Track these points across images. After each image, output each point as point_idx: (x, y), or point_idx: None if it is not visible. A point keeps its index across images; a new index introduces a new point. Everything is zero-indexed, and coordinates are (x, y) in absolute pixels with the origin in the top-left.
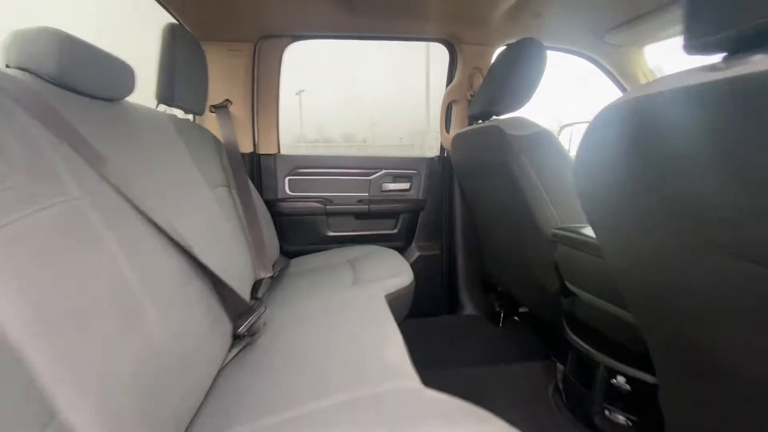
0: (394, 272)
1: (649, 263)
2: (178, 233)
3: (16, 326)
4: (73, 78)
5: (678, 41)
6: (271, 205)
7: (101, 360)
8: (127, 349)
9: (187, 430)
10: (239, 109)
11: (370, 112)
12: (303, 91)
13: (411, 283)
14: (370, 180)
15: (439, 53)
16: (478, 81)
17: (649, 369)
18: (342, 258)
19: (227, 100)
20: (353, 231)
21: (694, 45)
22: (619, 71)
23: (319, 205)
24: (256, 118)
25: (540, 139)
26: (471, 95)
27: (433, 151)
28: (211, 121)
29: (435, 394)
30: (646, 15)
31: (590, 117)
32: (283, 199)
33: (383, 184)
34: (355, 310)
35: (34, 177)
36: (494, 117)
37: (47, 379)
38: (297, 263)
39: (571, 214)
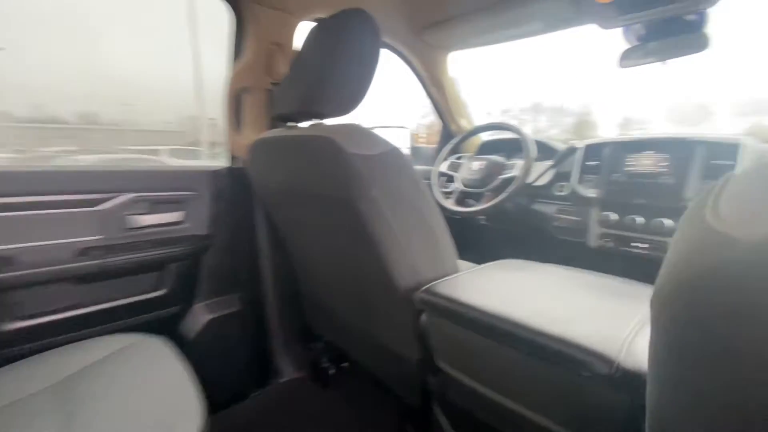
0: (165, 412)
1: None
2: None
3: None
4: None
5: (479, 51)
6: None
7: None
8: None
9: None
10: None
11: (123, 85)
12: (2, 48)
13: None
14: (103, 211)
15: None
16: (280, 63)
17: None
18: (43, 381)
19: None
20: (71, 310)
21: None
22: (429, 75)
23: None
24: None
25: (392, 162)
26: (272, 83)
27: (216, 153)
28: None
29: None
30: (462, 17)
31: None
32: None
33: (131, 217)
34: None
35: None
36: (316, 120)
37: None
38: None
39: (434, 266)
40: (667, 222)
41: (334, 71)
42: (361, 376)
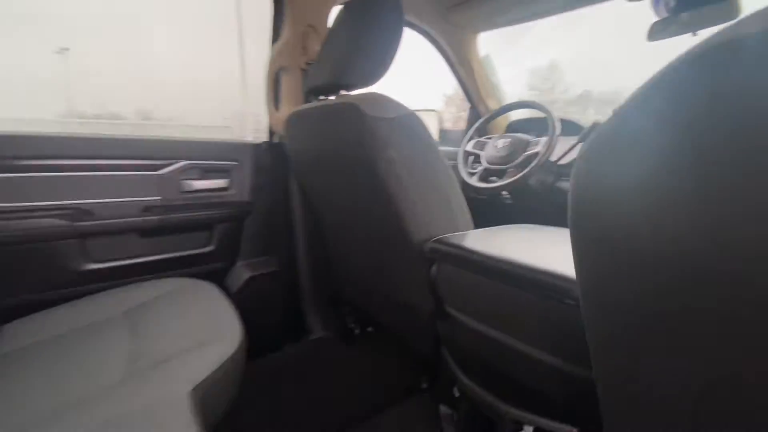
0: (210, 332)
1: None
2: None
3: None
4: None
5: (510, 31)
6: None
7: None
8: None
9: None
10: None
11: (178, 83)
12: (67, 49)
13: (240, 346)
14: (163, 175)
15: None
16: (314, 44)
17: (570, 420)
18: (113, 309)
19: None
20: (136, 257)
21: None
22: (457, 56)
23: (62, 221)
24: None
25: (409, 125)
26: (307, 63)
27: (258, 136)
28: None
29: None
30: None
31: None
32: None
33: (186, 182)
34: None
35: None
36: (343, 92)
37: None
38: (20, 330)
39: (446, 223)
40: None
41: (359, 47)
42: (384, 338)
